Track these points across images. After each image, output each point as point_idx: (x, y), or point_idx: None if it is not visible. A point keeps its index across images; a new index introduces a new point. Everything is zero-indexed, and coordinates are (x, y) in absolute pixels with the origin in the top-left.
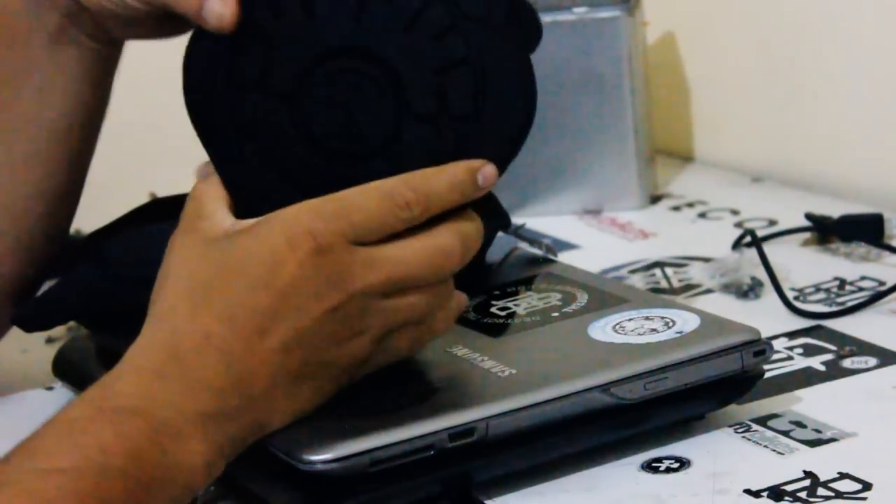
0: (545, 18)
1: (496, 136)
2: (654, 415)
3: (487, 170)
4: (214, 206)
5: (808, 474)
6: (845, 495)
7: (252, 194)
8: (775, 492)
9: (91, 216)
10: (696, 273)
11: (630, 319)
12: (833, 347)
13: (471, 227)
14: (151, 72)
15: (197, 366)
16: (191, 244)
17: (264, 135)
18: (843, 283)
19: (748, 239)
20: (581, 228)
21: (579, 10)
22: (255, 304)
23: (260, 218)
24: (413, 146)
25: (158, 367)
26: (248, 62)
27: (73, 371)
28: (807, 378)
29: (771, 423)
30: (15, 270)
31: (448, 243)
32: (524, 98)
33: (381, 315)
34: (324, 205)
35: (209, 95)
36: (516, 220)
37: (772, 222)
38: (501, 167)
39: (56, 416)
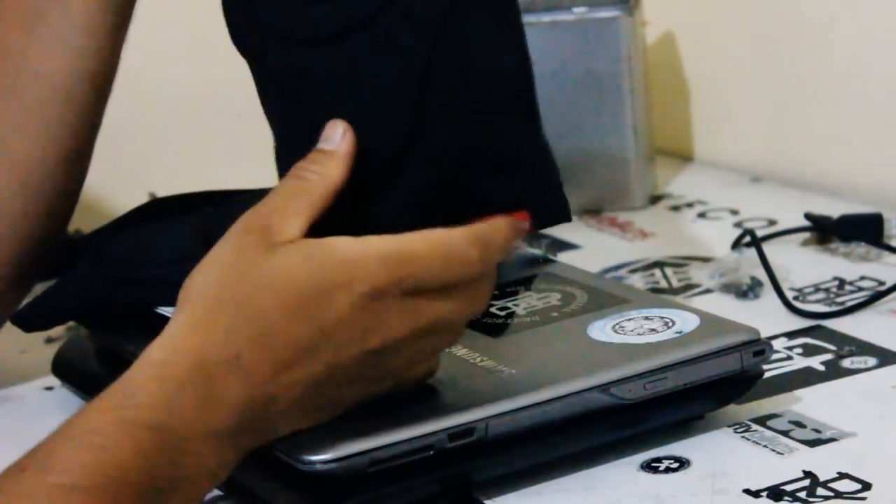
0: (545, 18)
1: None
2: (654, 415)
3: (522, 222)
4: (293, 212)
5: (808, 474)
6: (845, 495)
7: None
8: (775, 492)
9: (91, 216)
10: (695, 273)
11: (630, 319)
12: (832, 347)
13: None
14: (151, 72)
15: (221, 383)
16: (248, 246)
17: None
18: (842, 282)
19: (748, 239)
20: (581, 228)
21: (579, 10)
22: (295, 335)
23: (319, 240)
24: None
25: (182, 377)
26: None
27: (73, 371)
28: (806, 378)
29: (770, 422)
30: (20, 243)
31: (483, 295)
32: None
33: (405, 354)
34: (390, 253)
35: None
36: None
37: (771, 222)
38: None
39: (73, 422)
